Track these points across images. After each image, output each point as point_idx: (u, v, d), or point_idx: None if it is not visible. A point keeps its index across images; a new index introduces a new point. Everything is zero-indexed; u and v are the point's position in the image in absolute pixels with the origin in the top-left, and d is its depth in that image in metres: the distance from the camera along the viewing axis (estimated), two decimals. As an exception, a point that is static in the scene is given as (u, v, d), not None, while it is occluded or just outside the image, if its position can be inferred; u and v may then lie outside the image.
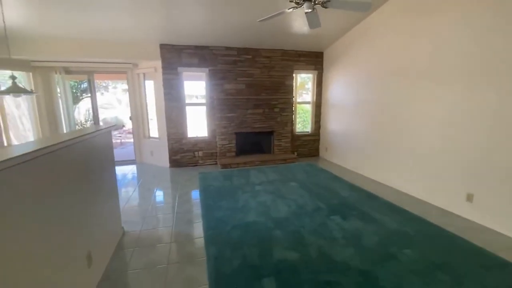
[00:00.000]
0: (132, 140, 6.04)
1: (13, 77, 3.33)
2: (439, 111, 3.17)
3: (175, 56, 5.00)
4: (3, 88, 4.24)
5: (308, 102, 6.27)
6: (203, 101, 5.47)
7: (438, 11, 3.10)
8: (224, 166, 5.14)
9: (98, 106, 5.67)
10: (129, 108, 5.69)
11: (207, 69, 5.19)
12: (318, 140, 6.29)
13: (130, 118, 5.65)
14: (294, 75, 5.84)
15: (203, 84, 5.37)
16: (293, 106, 5.83)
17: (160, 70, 5.00)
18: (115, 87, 10.36)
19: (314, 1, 2.54)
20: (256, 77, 5.48)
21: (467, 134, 2.85)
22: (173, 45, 4.95)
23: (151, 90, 5.42)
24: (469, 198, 2.85)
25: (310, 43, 5.37)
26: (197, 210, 3.27)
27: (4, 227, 1.02)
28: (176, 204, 3.48)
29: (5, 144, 4.66)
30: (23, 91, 3.35)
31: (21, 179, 1.14)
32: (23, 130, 5.17)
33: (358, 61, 4.64)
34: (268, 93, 5.56)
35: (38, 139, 4.99)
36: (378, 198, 3.50)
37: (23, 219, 1.14)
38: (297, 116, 6.24)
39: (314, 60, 5.87)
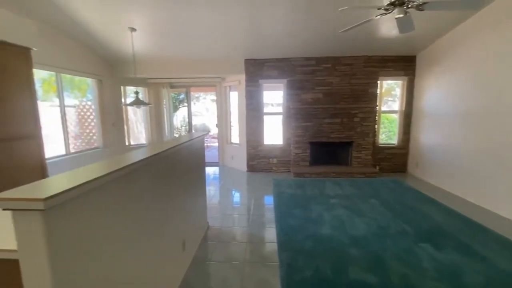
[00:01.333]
0: (215, 144, 6.77)
1: (136, 92, 4.28)
2: None
3: (257, 70, 5.39)
4: (129, 101, 5.46)
5: (394, 111, 5.67)
6: (280, 109, 5.67)
7: None
8: (297, 174, 5.17)
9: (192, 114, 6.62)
10: (214, 115, 6.43)
11: (285, 80, 5.38)
12: (407, 154, 5.58)
13: (217, 126, 6.36)
14: (378, 82, 5.40)
15: (281, 94, 5.59)
16: (376, 115, 5.38)
17: (243, 82, 5.48)
18: (204, 98, 11.83)
19: (407, 6, 2.34)
20: (335, 86, 5.33)
21: None
22: (255, 59, 5.36)
23: (235, 100, 5.98)
24: None
25: (400, 47, 4.89)
26: (270, 215, 3.41)
27: (138, 208, 1.36)
28: (252, 207, 3.72)
29: (127, 143, 5.97)
30: (144, 103, 4.25)
31: (142, 176, 1.50)
32: (137, 133, 6.52)
33: (465, 64, 3.92)
34: (347, 102, 5.32)
35: (152, 142, 6.19)
36: (484, 228, 2.86)
37: (149, 205, 1.49)
38: (382, 126, 5.72)
39: (404, 65, 5.29)
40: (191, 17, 3.72)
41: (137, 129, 6.58)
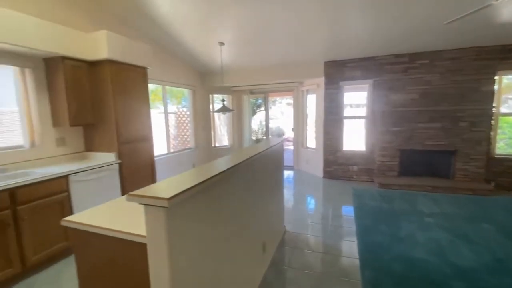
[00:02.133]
0: (290, 147, 6.80)
1: (223, 100, 4.73)
2: None
3: (337, 71, 5.14)
4: (215, 107, 6.08)
5: (521, 114, 4.44)
6: (361, 111, 5.24)
7: None
8: (383, 185, 4.65)
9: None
10: (288, 119, 6.47)
11: (371, 81, 4.94)
12: (539, 168, 4.28)
13: (293, 129, 6.39)
14: (496, 77, 4.34)
15: (364, 95, 5.16)
16: (491, 119, 4.33)
17: (322, 85, 5.32)
18: (280, 102, 12.08)
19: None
20: (434, 85, 4.57)
21: None
22: (335, 61, 5.13)
23: (312, 103, 5.88)
24: None
25: (532, 31, 3.80)
26: (349, 227, 3.19)
27: (228, 209, 1.51)
28: (330, 216, 3.57)
29: (213, 144, 6.66)
30: (229, 110, 4.66)
31: (231, 180, 1.64)
32: (220, 135, 7.18)
33: None
34: (451, 103, 4.47)
35: (233, 144, 6.74)
36: None
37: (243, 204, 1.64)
38: (500, 132, 4.57)
39: (538, 53, 4.08)
40: (271, 24, 3.86)
41: (220, 132, 7.27)
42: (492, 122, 4.35)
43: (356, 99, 5.63)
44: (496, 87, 4.35)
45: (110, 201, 1.61)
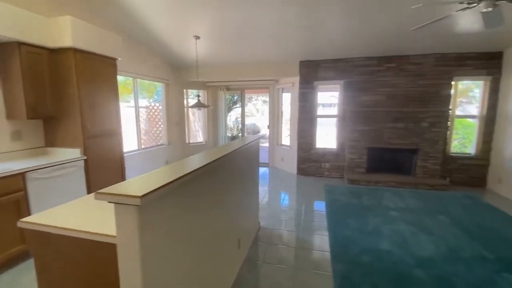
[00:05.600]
0: (266, 145, 6.86)
1: (198, 95, 4.63)
2: None
3: (312, 71, 5.28)
4: (190, 103, 5.93)
5: (472, 116, 4.92)
6: (333, 110, 5.45)
7: None
8: (352, 181, 4.89)
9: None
10: (264, 116, 6.54)
11: (342, 81, 5.14)
12: (487, 166, 4.78)
13: (268, 127, 6.45)
14: (453, 82, 4.75)
15: (336, 96, 5.36)
16: (448, 120, 4.74)
17: (297, 84, 5.43)
18: (256, 99, 12.11)
19: (500, -4, 2.01)
20: (399, 87, 4.88)
21: None
22: (310, 61, 5.26)
23: (287, 102, 5.98)
24: None
25: (482, 42, 4.21)
26: (321, 222, 3.31)
27: (203, 206, 1.48)
28: (303, 212, 3.67)
29: (187, 141, 6.49)
30: (205, 105, 4.57)
31: (206, 177, 1.62)
32: (194, 131, 7.03)
33: None
34: (415, 105, 4.81)
35: (208, 141, 6.63)
36: None
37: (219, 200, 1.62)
38: (455, 133, 5.03)
39: (487, 63, 4.55)
40: (248, 22, 3.85)
41: (195, 128, 7.11)
42: (449, 123, 4.77)
43: (329, 99, 5.83)
44: (452, 91, 4.77)
45: (74, 200, 1.50)
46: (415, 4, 2.36)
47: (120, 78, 4.57)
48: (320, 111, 5.64)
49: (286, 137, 6.21)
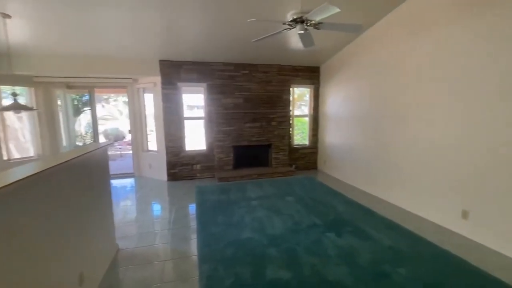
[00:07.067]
0: (130, 152, 6.08)
1: (14, 94, 3.42)
2: (436, 128, 3.21)
3: (174, 72, 5.12)
4: (4, 104, 4.33)
5: (305, 115, 6.34)
6: (200, 112, 5.55)
7: (435, 24, 3.14)
8: (222, 179, 5.16)
9: (99, 118, 5.75)
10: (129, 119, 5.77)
11: (205, 84, 5.29)
12: (316, 153, 6.32)
13: (130, 132, 5.72)
14: (291, 89, 5.94)
15: (202, 97, 5.47)
16: (290, 119, 5.90)
17: (159, 85, 5.11)
18: (115, 100, 10.51)
19: (306, 24, 2.63)
20: (253, 92, 5.58)
21: (463, 151, 2.88)
22: (172, 61, 5.08)
23: (150, 103, 5.51)
24: (465, 215, 2.85)
25: (306, 58, 5.50)
26: (191, 225, 3.27)
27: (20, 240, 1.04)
28: (173, 219, 3.48)
29: (5, 157, 4.71)
30: (24, 107, 3.43)
31: (17, 203, 1.18)
32: (23, 142, 5.23)
33: (356, 75, 4.71)
34: (265, 107, 5.64)
35: (43, 154, 5.04)
36: (375, 213, 3.50)
37: (22, 237, 1.17)
38: (296, 128, 6.31)
39: (310, 74, 5.99)
40: (94, 10, 3.21)
41: (24, 137, 5.28)
42: (291, 122, 5.94)
43: (197, 101, 5.85)
44: (293, 96, 5.96)
45: None
46: (257, 20, 2.71)
47: None
48: (188, 112, 5.57)
49: (153, 142, 5.73)
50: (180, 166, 5.40)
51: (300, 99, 6.54)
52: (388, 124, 3.95)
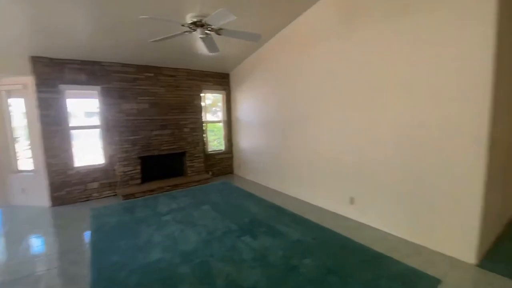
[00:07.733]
0: (-8, 176, 4.59)
1: None
2: (331, 131, 3.71)
3: (55, 72, 4.17)
4: None
5: (220, 121, 6.32)
6: (95, 120, 4.72)
7: (326, 39, 3.65)
8: (127, 196, 4.51)
9: None
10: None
11: (98, 87, 4.53)
12: (232, 157, 6.38)
13: (-13, 148, 4.31)
14: (202, 94, 5.81)
15: (94, 103, 4.65)
16: (203, 125, 5.75)
17: (32, 87, 4.05)
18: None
19: (207, 28, 2.58)
20: (160, 96, 5.16)
21: (349, 149, 3.42)
22: (50, 58, 4.12)
23: (21, 111, 4.31)
24: (352, 201, 3.39)
25: (215, 64, 5.49)
26: (82, 258, 2.68)
27: None
28: (55, 257, 2.77)
29: None
30: None
31: None
32: None
33: (263, 82, 4.97)
34: (175, 113, 5.30)
35: None
36: (284, 210, 3.75)
37: None
38: (213, 134, 6.21)
39: (221, 80, 6.02)
40: None
41: None
42: (204, 128, 5.79)
43: (88, 107, 4.94)
44: (205, 102, 5.82)
45: None
46: (150, 18, 2.45)
47: None
48: (76, 121, 4.63)
49: (27, 160, 4.49)
50: (69, 187, 4.42)
51: (215, 104, 6.47)
52: (292, 127, 4.35)
